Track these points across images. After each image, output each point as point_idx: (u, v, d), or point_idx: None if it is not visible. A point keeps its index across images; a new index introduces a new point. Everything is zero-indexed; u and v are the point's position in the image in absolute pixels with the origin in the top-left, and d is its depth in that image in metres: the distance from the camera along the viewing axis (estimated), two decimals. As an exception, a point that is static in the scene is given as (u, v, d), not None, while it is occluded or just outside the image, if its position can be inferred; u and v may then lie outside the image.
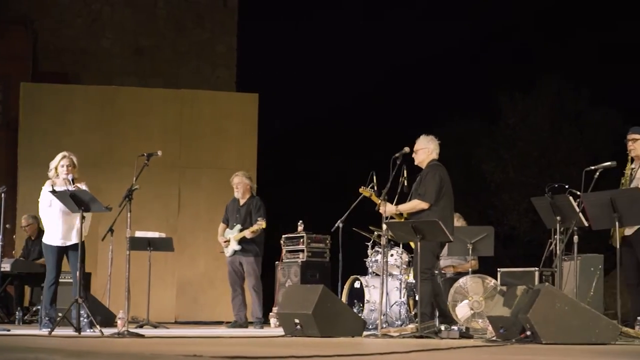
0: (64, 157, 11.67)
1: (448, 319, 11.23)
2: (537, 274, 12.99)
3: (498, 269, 13.31)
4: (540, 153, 24.90)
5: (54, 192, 11.13)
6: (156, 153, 10.96)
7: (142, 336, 9.79)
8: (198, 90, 20.17)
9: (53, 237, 11.62)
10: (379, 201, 11.07)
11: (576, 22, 28.02)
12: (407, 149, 11.12)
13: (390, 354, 7.18)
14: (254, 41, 26.46)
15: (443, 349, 7.91)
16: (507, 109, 25.82)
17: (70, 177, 11.42)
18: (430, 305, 10.83)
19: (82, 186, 11.36)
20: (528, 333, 8.93)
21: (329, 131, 29.33)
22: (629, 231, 10.38)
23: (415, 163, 11.21)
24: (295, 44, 29.30)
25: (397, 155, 11.07)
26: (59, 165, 11.62)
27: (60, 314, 11.11)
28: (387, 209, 10.98)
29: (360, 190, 10.97)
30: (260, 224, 14.02)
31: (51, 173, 11.71)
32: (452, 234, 10.79)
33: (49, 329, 10.63)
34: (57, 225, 11.57)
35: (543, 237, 24.58)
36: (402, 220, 11.00)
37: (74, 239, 11.34)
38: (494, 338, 9.61)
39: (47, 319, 11.46)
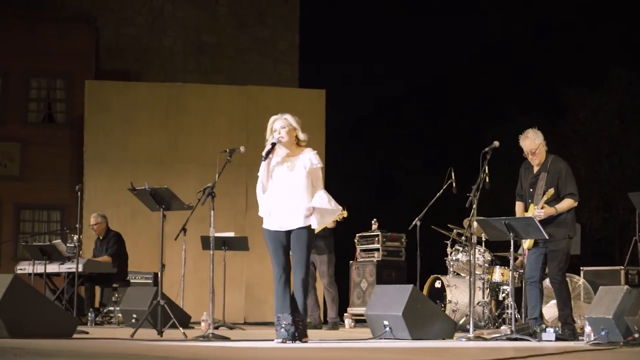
0: (275, 119, 9.28)
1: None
2: (622, 272, 12.58)
3: (581, 268, 12.88)
4: (612, 149, 24.29)
5: (133, 189, 10.38)
6: (238, 149, 10.34)
7: (227, 339, 9.39)
8: (264, 86, 19.89)
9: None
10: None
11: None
12: (496, 143, 10.56)
13: None
14: (316, 37, 26.13)
15: (556, 354, 7.47)
16: (575, 104, 25.23)
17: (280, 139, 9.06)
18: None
19: (309, 153, 9.24)
20: (636, 335, 8.50)
21: (398, 128, 28.91)
22: None
23: (536, 164, 10.58)
24: (356, 39, 28.99)
25: (486, 149, 10.53)
26: (271, 130, 9.24)
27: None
28: (547, 211, 10.34)
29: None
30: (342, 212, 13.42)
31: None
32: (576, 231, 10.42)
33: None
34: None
35: (614, 235, 24.22)
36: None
37: None
38: (596, 341, 9.15)
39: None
